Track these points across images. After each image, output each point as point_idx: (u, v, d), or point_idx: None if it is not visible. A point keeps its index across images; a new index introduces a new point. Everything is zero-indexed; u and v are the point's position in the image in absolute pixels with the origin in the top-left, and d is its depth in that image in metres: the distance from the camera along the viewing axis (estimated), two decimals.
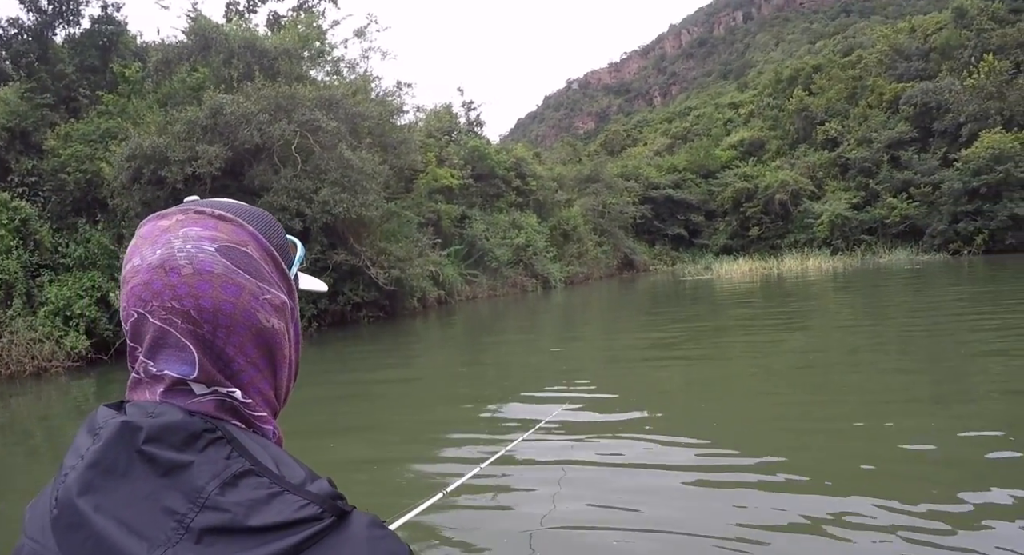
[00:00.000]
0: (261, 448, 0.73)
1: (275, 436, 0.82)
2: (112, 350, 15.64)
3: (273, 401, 0.84)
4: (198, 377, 0.75)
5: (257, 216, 0.83)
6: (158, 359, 0.75)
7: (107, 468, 0.69)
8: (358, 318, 20.62)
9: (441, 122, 35.12)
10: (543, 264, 33.09)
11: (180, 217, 0.78)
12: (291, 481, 0.70)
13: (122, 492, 0.68)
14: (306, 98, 18.42)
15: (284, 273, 0.84)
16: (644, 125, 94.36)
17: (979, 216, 35.92)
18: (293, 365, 0.87)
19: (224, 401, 0.76)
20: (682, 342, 13.27)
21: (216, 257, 0.75)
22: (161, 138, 17.15)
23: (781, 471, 5.29)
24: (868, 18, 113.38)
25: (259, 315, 0.78)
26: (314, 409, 8.67)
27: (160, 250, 0.75)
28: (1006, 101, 37.53)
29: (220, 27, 21.63)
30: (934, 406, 7.17)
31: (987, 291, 18.96)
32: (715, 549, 4.03)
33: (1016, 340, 10.27)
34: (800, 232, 43.51)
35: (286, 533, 0.65)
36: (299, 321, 0.88)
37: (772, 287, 25.76)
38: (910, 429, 6.18)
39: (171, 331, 0.74)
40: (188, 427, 0.71)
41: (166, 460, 0.68)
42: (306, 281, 0.97)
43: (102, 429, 0.72)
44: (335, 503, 0.69)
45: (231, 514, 0.65)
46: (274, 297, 0.80)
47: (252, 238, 0.80)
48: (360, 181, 18.43)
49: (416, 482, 5.79)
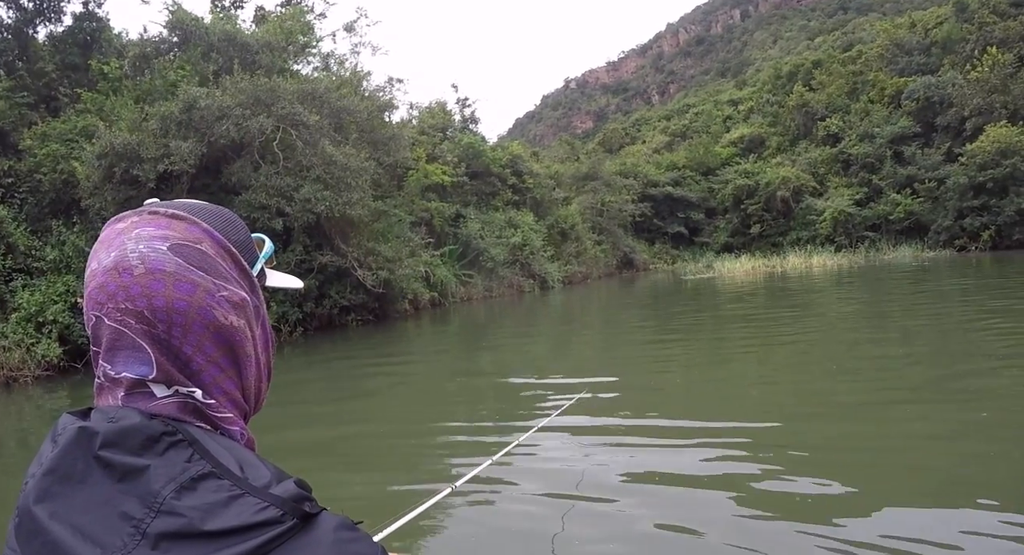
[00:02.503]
0: (225, 450, 0.71)
1: (244, 438, 0.80)
2: (86, 358, 14.90)
3: (240, 401, 0.81)
4: (156, 377, 0.74)
5: (214, 213, 0.82)
6: (116, 361, 0.75)
7: (64, 474, 0.69)
8: (346, 322, 19.93)
9: (435, 119, 34.50)
10: (540, 264, 32.33)
11: (135, 219, 0.77)
12: (254, 483, 0.68)
13: (78, 498, 0.67)
14: (287, 91, 17.59)
15: (244, 269, 0.82)
16: (643, 123, 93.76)
17: (985, 212, 35.32)
18: (262, 365, 0.84)
19: (187, 402, 0.75)
20: (694, 351, 12.34)
21: (168, 255, 0.75)
22: (133, 135, 16.35)
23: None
24: (866, 14, 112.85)
25: (216, 312, 0.76)
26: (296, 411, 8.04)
27: (114, 252, 0.75)
28: (1011, 94, 36.96)
29: (199, 20, 20.90)
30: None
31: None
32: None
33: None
34: (802, 229, 42.99)
35: (244, 537, 0.64)
36: (267, 318, 0.86)
37: (777, 287, 24.92)
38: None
39: (126, 332, 0.74)
40: (146, 430, 0.70)
41: (122, 465, 0.68)
42: (276, 278, 0.93)
43: (60, 436, 0.72)
44: (297, 505, 0.67)
45: (187, 518, 0.64)
46: (232, 294, 0.78)
47: (206, 235, 0.78)
48: (344, 178, 17.62)
49: (397, 496, 5.39)
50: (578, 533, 4.26)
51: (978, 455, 5.20)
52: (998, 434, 5.63)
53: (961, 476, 4.84)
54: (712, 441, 5.87)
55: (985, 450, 5.29)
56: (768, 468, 5.10)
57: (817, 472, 4.92)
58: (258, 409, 0.87)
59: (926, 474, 4.98)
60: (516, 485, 5.22)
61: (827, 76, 51.43)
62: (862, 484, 4.72)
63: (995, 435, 5.62)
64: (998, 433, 5.66)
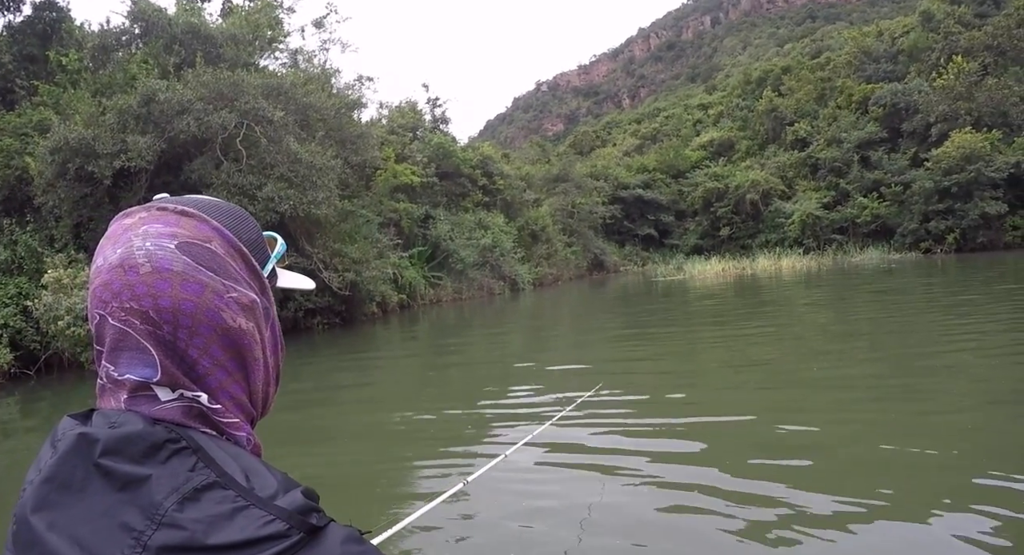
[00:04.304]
0: (231, 458, 0.69)
1: (251, 443, 0.78)
2: (39, 364, 14.28)
3: (247, 406, 0.79)
4: (160, 380, 0.71)
5: (225, 211, 0.79)
6: (119, 363, 0.72)
7: (63, 483, 0.66)
8: (311, 325, 19.47)
9: (405, 118, 34.08)
10: (511, 265, 32.02)
11: (143, 215, 0.75)
12: (259, 494, 0.66)
13: (78, 508, 0.65)
14: (251, 85, 17.01)
15: (255, 270, 0.79)
16: (613, 126, 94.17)
17: (950, 215, 36.01)
18: (271, 368, 0.82)
19: (192, 407, 0.72)
20: (668, 353, 12.13)
21: (176, 254, 0.72)
22: (89, 129, 15.68)
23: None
24: (834, 23, 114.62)
25: (224, 314, 0.74)
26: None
27: (120, 249, 0.72)
28: (975, 102, 37.73)
29: (163, 11, 20.27)
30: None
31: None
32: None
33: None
34: (771, 232, 43.53)
35: (249, 551, 0.62)
36: (276, 321, 0.83)
37: (748, 288, 24.92)
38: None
39: (130, 332, 0.71)
40: (149, 437, 0.67)
41: (123, 474, 0.65)
42: (288, 278, 0.91)
43: (60, 442, 0.69)
44: (304, 518, 0.65)
45: (189, 532, 0.62)
46: (241, 295, 0.76)
47: (217, 233, 0.76)
48: (310, 177, 17.10)
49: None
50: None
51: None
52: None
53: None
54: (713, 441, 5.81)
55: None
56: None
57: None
58: (266, 413, 0.84)
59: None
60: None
61: (796, 82, 52.20)
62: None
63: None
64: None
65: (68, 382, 13.54)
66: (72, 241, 16.26)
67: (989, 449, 5.20)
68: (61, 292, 13.46)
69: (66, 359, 14.30)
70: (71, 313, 13.12)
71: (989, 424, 5.87)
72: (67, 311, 13.14)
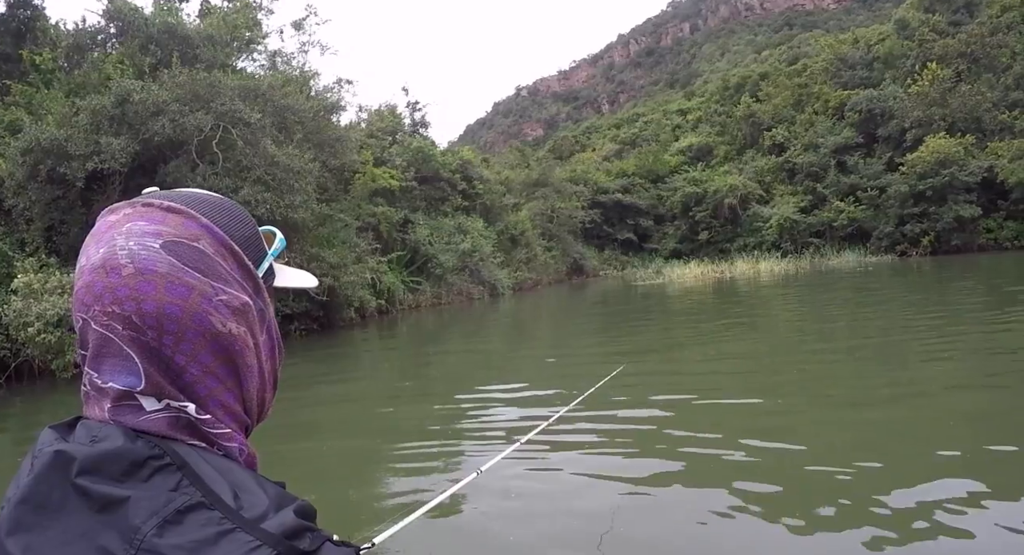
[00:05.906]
0: (219, 473, 0.65)
1: (244, 454, 0.72)
2: (9, 372, 13.90)
3: (241, 415, 0.74)
4: (145, 389, 0.67)
5: (216, 206, 0.74)
6: (102, 370, 0.68)
7: (39, 504, 0.62)
8: (288, 331, 19.16)
9: (384, 122, 33.84)
10: (490, 270, 31.86)
11: (128, 211, 0.70)
12: (248, 514, 0.62)
13: (55, 531, 0.60)
14: (228, 87, 16.76)
15: (248, 270, 0.74)
16: (593, 132, 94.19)
17: (925, 218, 36.55)
18: (266, 373, 0.77)
19: (179, 417, 0.68)
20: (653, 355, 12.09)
21: (161, 254, 0.67)
22: (61, 130, 15.36)
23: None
24: (811, 30, 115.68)
25: (213, 318, 0.69)
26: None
27: (103, 248, 0.68)
28: (949, 107, 38.40)
29: (139, 10, 19.96)
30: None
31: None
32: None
33: None
34: (749, 236, 43.89)
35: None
36: (273, 323, 0.78)
37: (727, 292, 25.00)
38: None
39: (112, 338, 0.67)
40: (129, 455, 0.63)
41: (101, 495, 0.61)
42: (287, 277, 0.83)
43: (36, 458, 0.65)
44: (293, 543, 0.61)
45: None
46: (231, 298, 0.71)
47: (206, 231, 0.71)
48: (287, 180, 16.87)
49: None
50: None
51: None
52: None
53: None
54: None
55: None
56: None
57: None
58: (262, 420, 0.79)
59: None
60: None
61: (773, 88, 52.67)
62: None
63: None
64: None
65: (39, 390, 13.22)
66: (43, 245, 15.90)
67: None
68: (31, 297, 13.10)
69: (37, 367, 13.93)
70: (42, 319, 12.75)
71: None
72: (37, 317, 12.75)
